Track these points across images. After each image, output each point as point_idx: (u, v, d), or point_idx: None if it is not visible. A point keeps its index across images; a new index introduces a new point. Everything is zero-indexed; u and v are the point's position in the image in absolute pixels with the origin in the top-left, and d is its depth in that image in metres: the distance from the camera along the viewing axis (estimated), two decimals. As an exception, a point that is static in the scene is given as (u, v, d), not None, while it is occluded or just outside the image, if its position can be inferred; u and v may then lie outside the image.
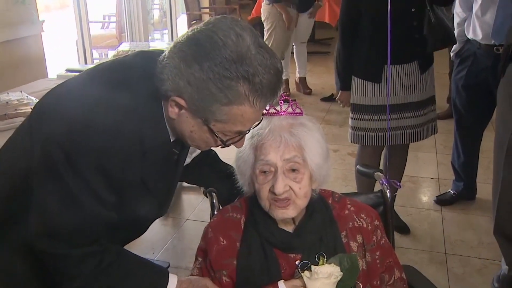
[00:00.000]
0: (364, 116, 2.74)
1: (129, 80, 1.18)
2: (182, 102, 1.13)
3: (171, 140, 1.26)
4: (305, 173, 1.27)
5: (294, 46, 5.80)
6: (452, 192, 3.43)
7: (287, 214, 1.28)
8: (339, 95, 2.87)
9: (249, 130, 1.22)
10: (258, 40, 1.12)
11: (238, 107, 1.11)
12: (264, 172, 1.27)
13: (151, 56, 1.20)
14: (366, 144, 2.79)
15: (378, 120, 2.72)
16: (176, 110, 1.16)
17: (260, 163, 1.27)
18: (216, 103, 1.10)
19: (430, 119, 2.84)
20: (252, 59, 1.09)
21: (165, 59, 1.14)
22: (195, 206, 3.47)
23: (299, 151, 1.26)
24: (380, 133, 2.74)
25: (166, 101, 1.17)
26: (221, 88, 1.08)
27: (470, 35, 2.94)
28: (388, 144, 2.79)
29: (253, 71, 1.08)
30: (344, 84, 2.79)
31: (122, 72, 1.22)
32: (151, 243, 3.02)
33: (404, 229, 3.06)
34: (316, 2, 5.70)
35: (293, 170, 1.26)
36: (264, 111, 1.28)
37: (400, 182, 2.77)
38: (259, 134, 1.28)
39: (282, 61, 5.81)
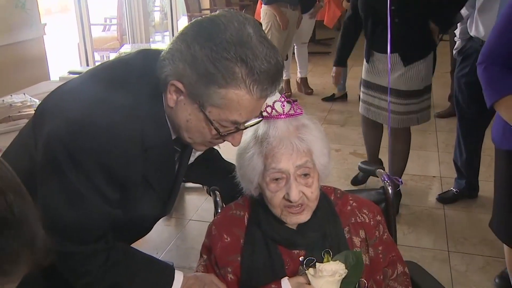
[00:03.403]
0: (361, 88, 3.34)
1: (130, 77, 1.18)
2: (180, 85, 1.13)
3: (173, 138, 1.26)
4: (314, 177, 1.28)
5: (295, 47, 5.80)
6: (454, 190, 3.43)
7: (302, 219, 1.29)
8: (333, 70, 3.49)
9: (245, 127, 1.21)
10: (260, 32, 1.12)
11: (235, 91, 1.10)
12: (276, 179, 1.26)
13: (153, 54, 1.21)
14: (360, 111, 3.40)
15: (363, 93, 3.31)
16: (175, 97, 1.15)
17: (272, 171, 1.25)
18: (213, 84, 1.09)
19: (411, 111, 3.12)
20: (252, 45, 1.08)
21: (168, 47, 1.15)
22: (198, 206, 3.48)
23: (309, 155, 1.26)
24: (365, 105, 3.33)
25: (166, 92, 1.17)
26: (219, 69, 1.07)
27: (472, 33, 2.94)
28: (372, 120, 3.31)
29: (252, 56, 1.08)
30: (337, 59, 3.45)
31: (123, 70, 1.22)
32: (155, 243, 3.03)
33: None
34: (317, 2, 5.71)
35: (305, 175, 1.26)
36: (266, 114, 1.27)
37: (401, 178, 3.03)
38: (269, 142, 1.25)
39: (284, 61, 5.82)
